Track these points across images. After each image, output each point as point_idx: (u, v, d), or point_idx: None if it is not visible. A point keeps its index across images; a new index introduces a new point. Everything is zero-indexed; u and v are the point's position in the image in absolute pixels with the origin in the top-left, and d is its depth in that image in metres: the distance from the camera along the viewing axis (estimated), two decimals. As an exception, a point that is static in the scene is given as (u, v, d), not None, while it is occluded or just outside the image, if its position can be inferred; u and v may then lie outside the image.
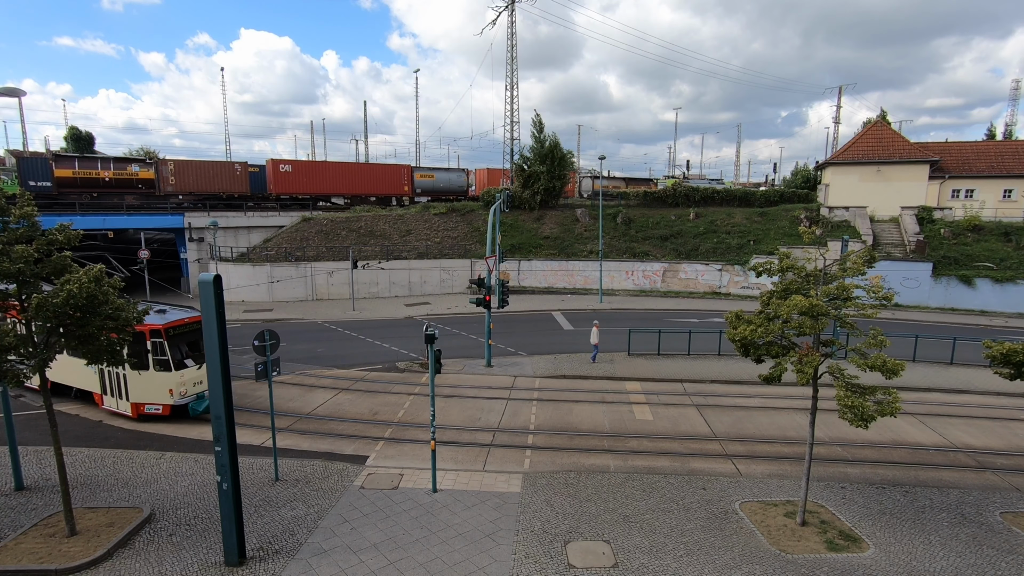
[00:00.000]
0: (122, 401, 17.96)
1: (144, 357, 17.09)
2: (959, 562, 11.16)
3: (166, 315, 17.97)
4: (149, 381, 17.43)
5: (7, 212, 10.89)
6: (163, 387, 17.45)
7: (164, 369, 17.37)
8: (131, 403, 17.78)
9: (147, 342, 17.06)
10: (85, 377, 18.19)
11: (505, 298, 23.74)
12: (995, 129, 71.63)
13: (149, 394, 17.59)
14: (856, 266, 11.78)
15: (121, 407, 18.05)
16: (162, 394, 17.52)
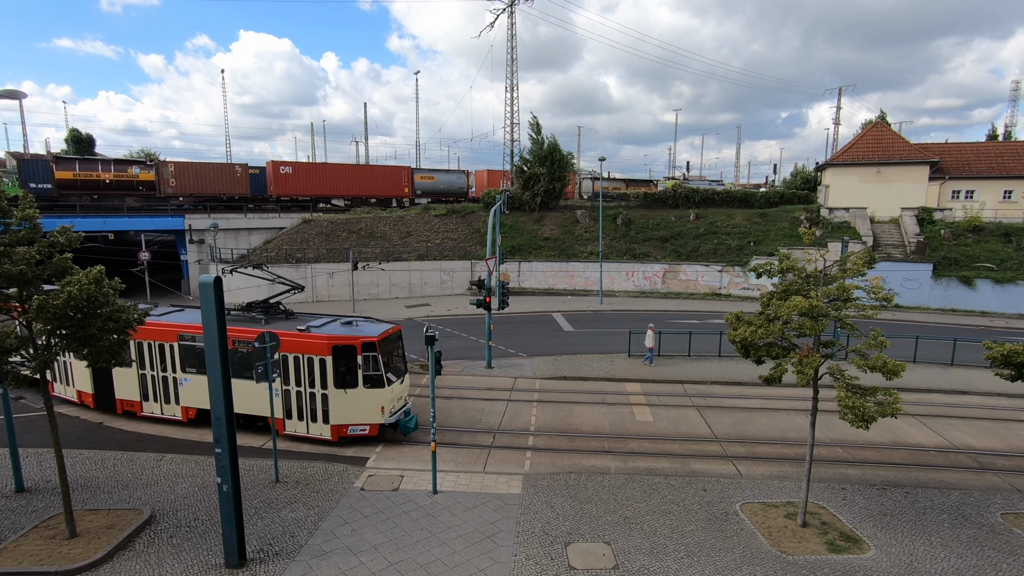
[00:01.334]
0: (316, 424, 16.23)
1: (353, 373, 15.76)
2: (960, 563, 11.15)
3: (361, 327, 16.75)
4: (357, 400, 15.90)
5: (9, 214, 10.90)
6: (374, 405, 15.99)
7: (375, 385, 15.89)
8: (331, 425, 16.07)
9: (358, 356, 15.67)
10: (253, 401, 16.20)
11: (505, 299, 23.74)
12: (997, 130, 71.64)
13: (356, 414, 16.06)
14: (856, 267, 11.78)
15: (314, 431, 16.29)
16: (372, 413, 16.05)
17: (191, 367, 17.21)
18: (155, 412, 17.92)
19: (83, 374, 18.55)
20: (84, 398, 18.97)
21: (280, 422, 16.41)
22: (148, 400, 17.93)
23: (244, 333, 16.27)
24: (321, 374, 15.81)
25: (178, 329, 17.21)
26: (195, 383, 17.06)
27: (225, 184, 44.12)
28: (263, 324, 16.81)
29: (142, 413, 18.04)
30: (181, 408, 17.60)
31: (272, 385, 14.76)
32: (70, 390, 19.17)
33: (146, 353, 17.62)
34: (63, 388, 19.41)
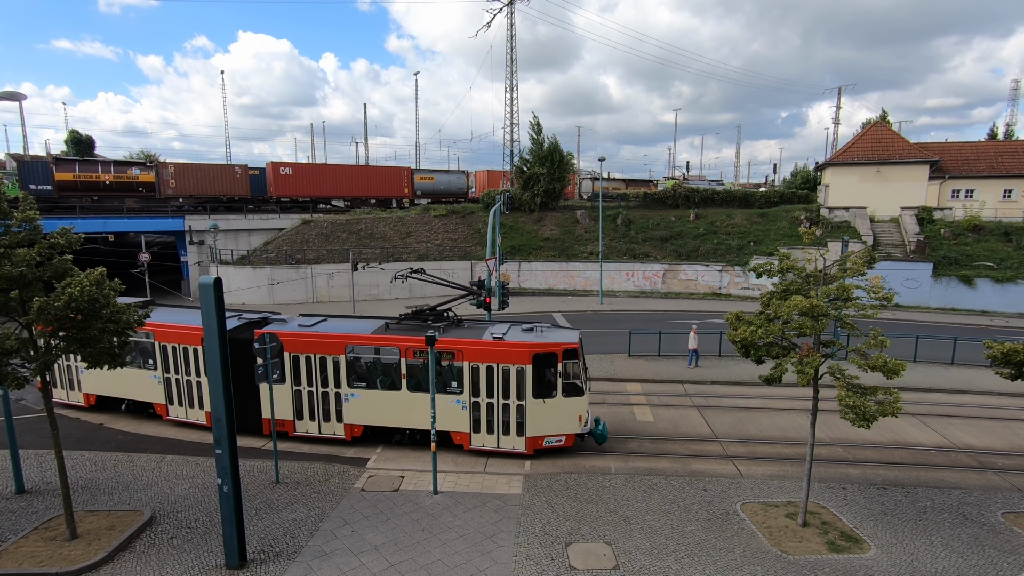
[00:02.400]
0: (508, 437, 15.39)
1: (552, 382, 15.01)
2: (961, 563, 11.15)
3: (550, 333, 15.92)
4: (556, 409, 15.13)
5: (9, 216, 10.91)
6: (572, 414, 15.24)
7: (573, 394, 15.17)
8: (527, 438, 15.30)
9: (558, 364, 14.89)
10: (423, 416, 15.28)
11: (505, 300, 23.77)
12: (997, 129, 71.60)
13: (554, 424, 15.32)
14: (856, 267, 11.79)
15: (505, 445, 15.44)
16: (570, 423, 15.31)
17: (359, 382, 16.06)
18: (310, 431, 16.42)
19: (279, 399, 16.36)
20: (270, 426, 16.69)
21: (465, 436, 15.61)
22: (303, 419, 16.40)
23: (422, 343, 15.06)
24: (518, 384, 14.99)
25: (345, 341, 15.85)
26: (364, 399, 15.90)
27: (225, 185, 44.14)
28: (441, 332, 15.89)
29: (295, 433, 16.45)
30: (345, 426, 16.22)
31: (461, 398, 14.79)
32: (195, 412, 17.29)
33: (303, 368, 16.07)
34: (181, 411, 17.49)
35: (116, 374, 15.10)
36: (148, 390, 17.71)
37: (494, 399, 15.27)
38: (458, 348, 15.20)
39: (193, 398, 17.19)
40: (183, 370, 17.12)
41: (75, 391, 18.89)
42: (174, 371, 17.27)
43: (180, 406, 17.47)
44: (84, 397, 18.78)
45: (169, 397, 17.51)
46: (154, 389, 17.60)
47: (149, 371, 17.52)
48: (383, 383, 15.95)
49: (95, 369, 14.20)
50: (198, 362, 16.77)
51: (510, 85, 53.91)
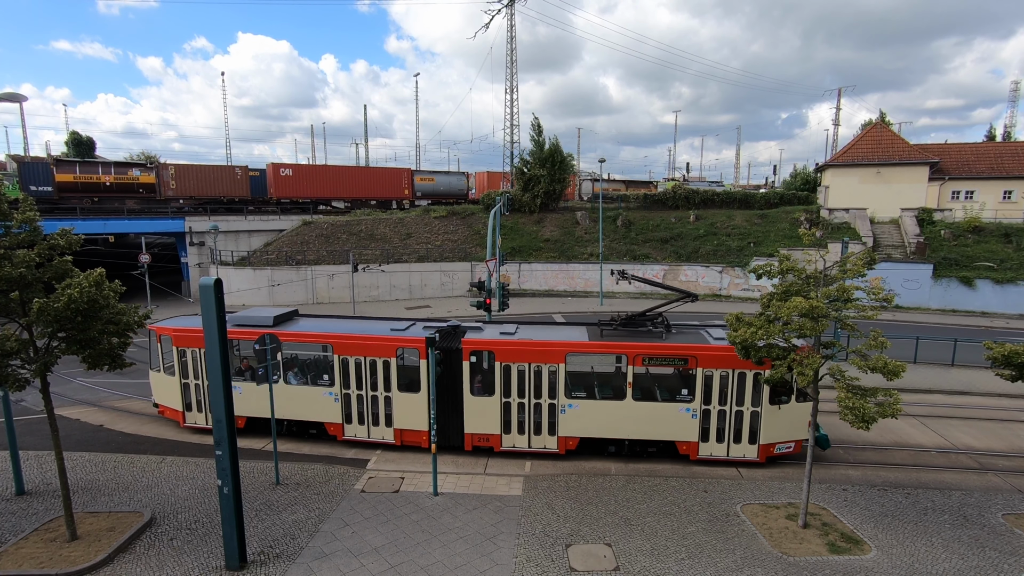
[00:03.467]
0: (739, 445, 14.96)
1: (786, 387, 14.47)
2: (961, 564, 11.14)
3: None
4: (789, 415, 14.73)
5: (9, 217, 10.92)
6: (803, 420, 14.68)
7: (807, 398, 14.51)
8: (760, 445, 14.87)
9: None
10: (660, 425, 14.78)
11: (506, 301, 23.75)
12: (995, 131, 71.69)
13: (785, 431, 14.84)
14: (856, 268, 11.79)
15: (736, 452, 15.00)
16: (800, 428, 14.83)
17: (578, 392, 15.47)
18: (517, 445, 15.57)
19: (412, 409, 15.69)
20: (409, 438, 15.96)
21: (693, 446, 15.08)
22: (510, 432, 15.56)
23: (659, 350, 14.57)
24: (754, 389, 14.55)
25: (566, 349, 15.01)
26: (583, 409, 15.14)
27: (225, 186, 44.18)
28: (663, 338, 15.23)
29: (500, 448, 15.66)
30: (559, 439, 15.39)
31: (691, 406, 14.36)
32: (380, 431, 16.13)
33: (514, 379, 15.21)
34: (362, 429, 16.22)
35: (276, 394, 14.72)
36: (319, 408, 16.21)
37: (727, 406, 14.70)
38: (691, 354, 14.53)
39: (379, 415, 15.95)
40: (367, 385, 15.89)
41: (202, 412, 17.20)
42: (355, 386, 15.98)
43: (361, 424, 16.16)
44: None
45: (347, 415, 16.21)
46: (328, 407, 16.14)
47: (322, 388, 16.14)
48: (603, 392, 15.41)
49: (244, 389, 13.89)
50: (388, 376, 15.63)
51: (510, 86, 53.97)
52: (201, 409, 16.99)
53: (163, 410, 17.97)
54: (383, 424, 16.02)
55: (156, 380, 17.84)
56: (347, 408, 16.15)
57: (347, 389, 16.01)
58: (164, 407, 17.85)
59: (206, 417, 16.63)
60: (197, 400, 16.83)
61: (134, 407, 19.97)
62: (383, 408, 15.93)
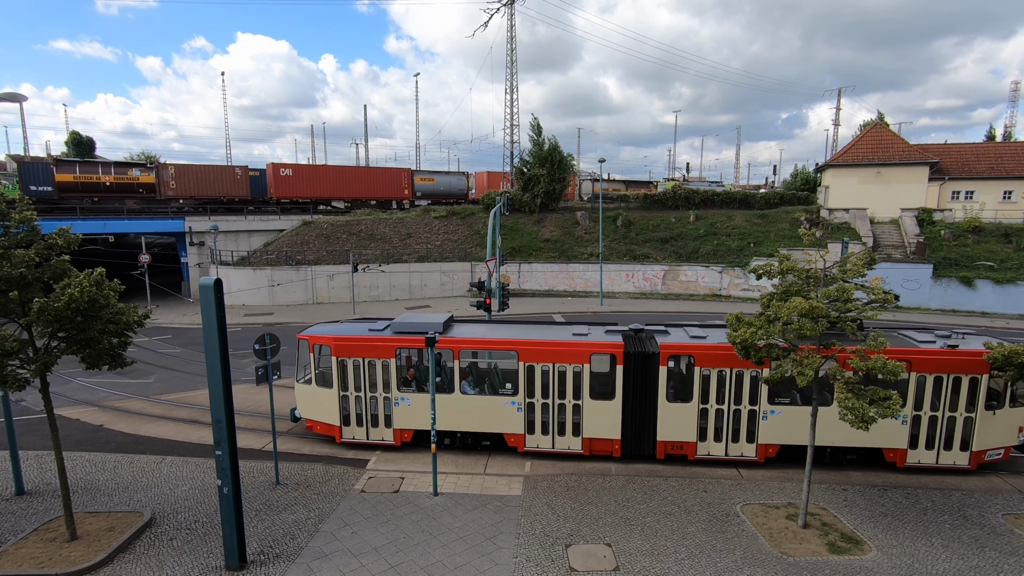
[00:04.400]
0: (950, 452, 14.52)
1: (1001, 392, 14.12)
2: (961, 564, 11.14)
3: (968, 340, 14.87)
4: (1002, 421, 14.30)
5: (7, 216, 10.91)
6: (1014, 426, 14.40)
7: (1020, 403, 14.43)
8: (972, 452, 14.50)
9: None
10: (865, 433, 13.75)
11: (505, 301, 23.73)
12: (995, 131, 71.76)
13: (997, 437, 14.44)
14: (856, 268, 11.80)
15: (944, 460, 14.59)
16: (1011, 434, 14.48)
17: (782, 398, 14.81)
18: (713, 453, 15.05)
19: (604, 417, 15.08)
20: (599, 447, 15.43)
21: (901, 453, 14.63)
22: (706, 440, 15.03)
23: None
24: (970, 394, 14.14)
25: None
26: (786, 415, 14.53)
27: (225, 186, 44.19)
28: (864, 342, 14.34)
29: (695, 456, 15.10)
30: (758, 446, 14.86)
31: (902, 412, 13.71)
32: (565, 440, 15.46)
33: (713, 384, 14.61)
34: (546, 440, 15.49)
35: (446, 405, 14.45)
36: (499, 419, 15.44)
37: (939, 412, 14.26)
38: (907, 358, 13.89)
39: (566, 424, 15.31)
40: (554, 393, 15.22)
41: (378, 428, 16.12)
42: (541, 395, 15.30)
43: (545, 435, 15.49)
44: (395, 434, 15.99)
45: (530, 426, 15.56)
46: (510, 417, 15.37)
47: (504, 397, 15.45)
48: (804, 398, 14.73)
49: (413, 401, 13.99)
50: (579, 383, 14.99)
51: (510, 86, 53.99)
52: (361, 423, 16.04)
53: (312, 425, 16.74)
54: (570, 433, 15.41)
55: (305, 393, 16.55)
56: (530, 417, 15.42)
57: (531, 398, 15.27)
58: (314, 422, 16.65)
59: (367, 431, 15.87)
60: (357, 413, 15.90)
61: (134, 407, 19.98)
62: (570, 417, 15.30)
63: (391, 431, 15.96)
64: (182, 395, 21.25)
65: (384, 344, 15.61)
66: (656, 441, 15.15)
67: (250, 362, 23.64)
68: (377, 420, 16.01)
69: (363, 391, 15.83)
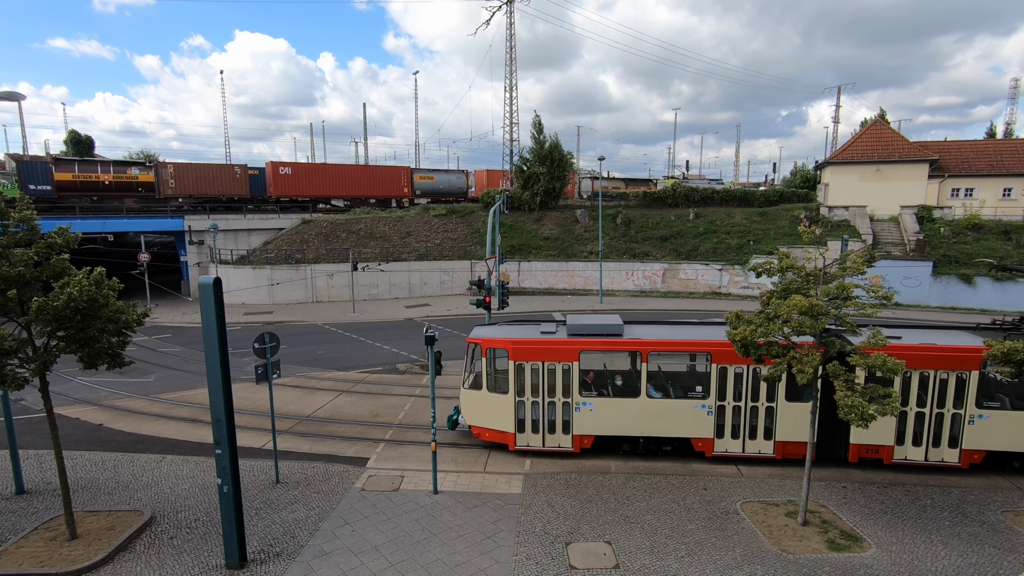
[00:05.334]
0: None
1: None
2: (961, 561, 11.15)
3: None
4: None
5: (7, 216, 10.91)
6: None
7: None
8: None
9: None
10: None
11: (505, 299, 23.71)
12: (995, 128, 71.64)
13: None
14: (856, 265, 11.79)
15: None
16: None
17: (992, 402, 14.31)
18: (911, 457, 14.63)
19: (799, 420, 14.47)
20: (792, 450, 14.81)
21: None
22: (903, 444, 14.54)
23: None
24: None
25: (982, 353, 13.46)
26: (995, 420, 14.02)
27: (224, 185, 44.15)
28: None
29: (891, 460, 14.69)
30: (962, 451, 14.34)
31: None
32: (756, 444, 15.05)
33: (914, 386, 14.08)
34: (735, 444, 15.11)
35: (632, 409, 13.94)
36: (686, 423, 15.02)
37: None
38: None
39: (757, 427, 14.87)
40: (747, 395, 14.82)
41: (555, 434, 15.57)
42: (732, 397, 14.87)
43: (735, 438, 15.05)
44: (574, 440, 15.48)
45: (719, 429, 15.13)
46: (698, 421, 14.94)
47: (693, 400, 15.05)
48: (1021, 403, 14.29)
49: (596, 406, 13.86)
50: (774, 384, 14.46)
51: (510, 84, 53.94)
52: (537, 430, 15.45)
53: (480, 432, 16.10)
54: (760, 437, 14.97)
55: (474, 399, 15.98)
56: (720, 421, 14.99)
57: (722, 401, 14.85)
58: (482, 429, 16.03)
59: (543, 438, 15.37)
60: (534, 419, 15.39)
61: (134, 406, 19.99)
62: (762, 420, 14.88)
63: (569, 437, 15.45)
64: (182, 394, 21.27)
65: (566, 347, 15.11)
66: (849, 444, 14.70)
67: (250, 361, 23.65)
68: (554, 426, 15.47)
69: (541, 396, 15.30)
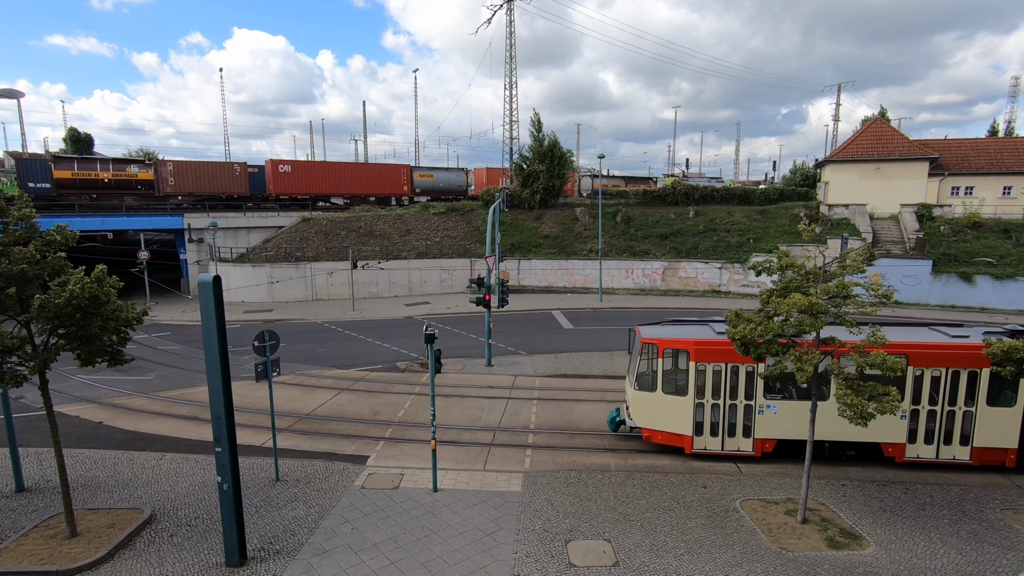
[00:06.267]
0: None
1: None
2: (960, 559, 11.17)
3: None
4: None
5: (7, 213, 10.89)
6: None
7: None
8: None
9: None
10: None
11: (505, 297, 23.74)
12: (997, 126, 71.54)
13: None
14: (855, 264, 11.79)
15: None
16: None
17: None
18: None
19: (1000, 425, 14.09)
20: (989, 456, 14.42)
21: None
22: None
23: None
24: None
25: None
26: None
27: (224, 183, 44.10)
28: None
29: None
30: None
31: None
32: (951, 450, 14.59)
33: None
34: (929, 450, 14.59)
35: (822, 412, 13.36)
36: (878, 428, 13.94)
37: None
38: None
39: (953, 432, 14.41)
40: (944, 399, 14.35)
41: (735, 437, 15.13)
42: (927, 402, 14.39)
43: (928, 444, 14.61)
44: (756, 444, 15.02)
45: (911, 434, 14.62)
46: (890, 426, 14.29)
47: None
48: None
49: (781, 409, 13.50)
50: (974, 389, 14.09)
51: (509, 82, 53.84)
52: (716, 433, 15.05)
53: (651, 435, 15.64)
54: (956, 442, 14.52)
55: (646, 401, 15.47)
56: (913, 426, 14.56)
57: (916, 405, 14.42)
58: (654, 431, 15.58)
59: (721, 441, 15.01)
60: (713, 422, 14.98)
61: (133, 404, 20.00)
62: (959, 424, 14.41)
63: (750, 441, 15.02)
64: (182, 392, 21.27)
65: None
66: None
67: (250, 359, 23.66)
68: (734, 429, 15.03)
69: (722, 399, 14.88)
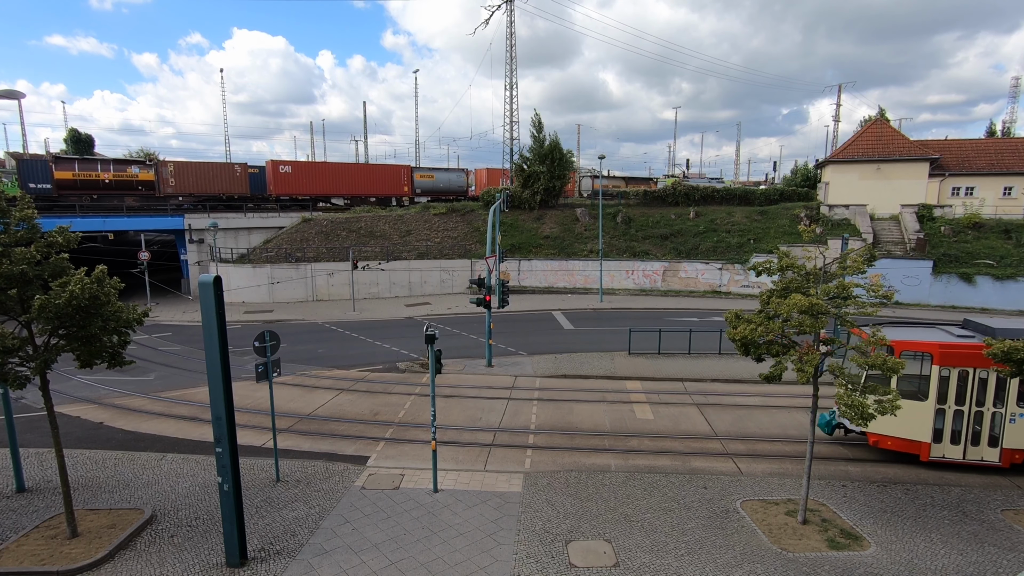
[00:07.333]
0: None
1: None
2: (960, 560, 11.17)
3: None
4: None
5: (7, 214, 10.90)
6: None
7: None
8: None
9: None
10: None
11: (505, 298, 23.73)
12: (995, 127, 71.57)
13: None
14: (856, 264, 11.79)
15: None
16: None
17: None
18: None
19: None
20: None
21: None
22: None
23: None
24: None
25: None
26: None
27: (224, 184, 44.13)
28: None
29: None
30: None
31: None
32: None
33: None
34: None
35: None
36: None
37: None
38: None
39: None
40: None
41: (978, 446, 14.48)
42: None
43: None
44: (1003, 454, 14.29)
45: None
46: None
47: None
48: None
49: None
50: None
51: (510, 83, 53.85)
52: (957, 441, 14.43)
53: (879, 440, 15.11)
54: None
55: None
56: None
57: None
58: (884, 436, 14.97)
59: (963, 450, 14.44)
60: (954, 430, 14.39)
61: (134, 404, 20.00)
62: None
63: (996, 451, 14.36)
64: (182, 392, 21.28)
65: None
66: None
67: (250, 359, 23.69)
68: (979, 438, 14.43)
69: (967, 405, 14.28)
